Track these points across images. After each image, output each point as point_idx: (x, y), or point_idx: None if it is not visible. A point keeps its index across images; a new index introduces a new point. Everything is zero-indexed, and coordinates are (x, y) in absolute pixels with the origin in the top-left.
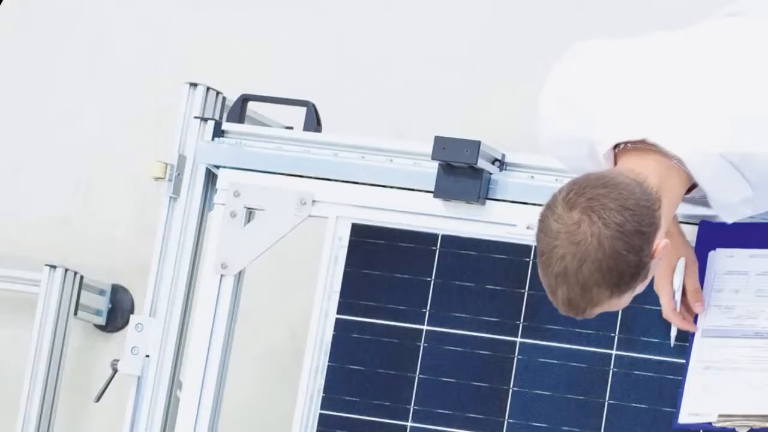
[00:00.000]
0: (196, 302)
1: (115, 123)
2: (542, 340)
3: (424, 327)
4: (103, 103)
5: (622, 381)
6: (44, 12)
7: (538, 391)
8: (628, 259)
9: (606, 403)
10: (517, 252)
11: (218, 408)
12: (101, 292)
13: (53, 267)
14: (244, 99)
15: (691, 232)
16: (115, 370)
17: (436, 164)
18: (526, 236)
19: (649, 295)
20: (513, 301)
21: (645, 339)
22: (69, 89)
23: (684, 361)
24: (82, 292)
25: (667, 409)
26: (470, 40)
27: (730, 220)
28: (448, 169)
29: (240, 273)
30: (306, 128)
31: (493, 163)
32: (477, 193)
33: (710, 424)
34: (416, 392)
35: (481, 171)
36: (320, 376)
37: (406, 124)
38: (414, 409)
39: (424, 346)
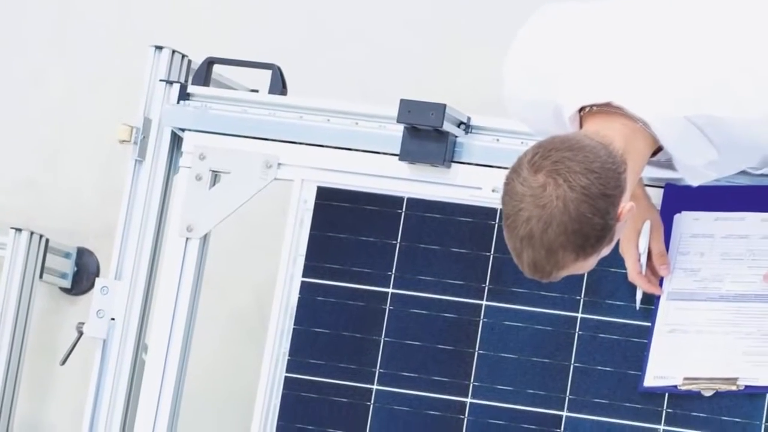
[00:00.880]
0: (162, 265)
1: (80, 86)
2: (507, 303)
3: (390, 290)
4: (69, 66)
5: (587, 344)
6: None
7: (504, 354)
8: (593, 222)
9: (571, 366)
10: (482, 215)
11: (183, 371)
12: (67, 255)
13: (18, 230)
14: (210, 62)
15: (656, 195)
16: (81, 333)
17: (401, 127)
18: (492, 199)
19: (615, 258)
20: (478, 264)
21: (610, 302)
22: (35, 52)
23: (649, 324)
24: (48, 255)
25: (633, 372)
26: (436, 3)
27: (695, 183)
28: (413, 132)
29: (205, 236)
30: (271, 91)
31: (458, 126)
32: (442, 156)
33: (675, 386)
34: (381, 355)
35: (446, 134)
36: (286, 339)
37: (372, 87)
38: (379, 371)
39: (389, 308)
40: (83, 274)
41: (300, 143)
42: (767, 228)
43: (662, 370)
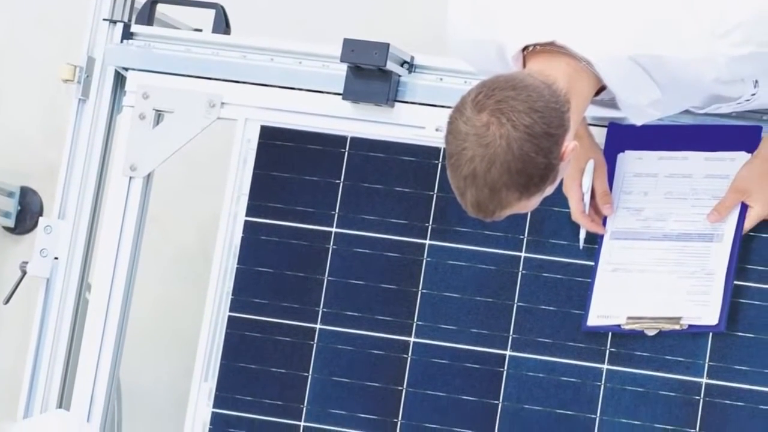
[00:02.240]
0: (105, 204)
1: (23, 25)
2: (451, 242)
3: (333, 229)
4: (12, 5)
5: (530, 283)
6: None
7: (447, 294)
8: (536, 161)
9: (515, 306)
10: (425, 154)
11: (127, 310)
12: (10, 194)
13: None
14: (153, 1)
15: (599, 135)
16: (24, 272)
17: (344, 66)
18: (435, 138)
19: (558, 198)
20: (421, 203)
21: (554, 241)
22: None
23: (593, 263)
24: None
25: (576, 311)
26: None
27: (639, 123)
28: (356, 71)
29: (149, 175)
30: (215, 31)
31: (402, 66)
32: (386, 96)
33: (619, 326)
34: (325, 294)
35: (389, 73)
36: (229, 278)
37: (315, 27)
38: (323, 311)
39: (332, 248)
40: (27, 214)
41: (243, 82)
42: (710, 167)
43: (605, 309)
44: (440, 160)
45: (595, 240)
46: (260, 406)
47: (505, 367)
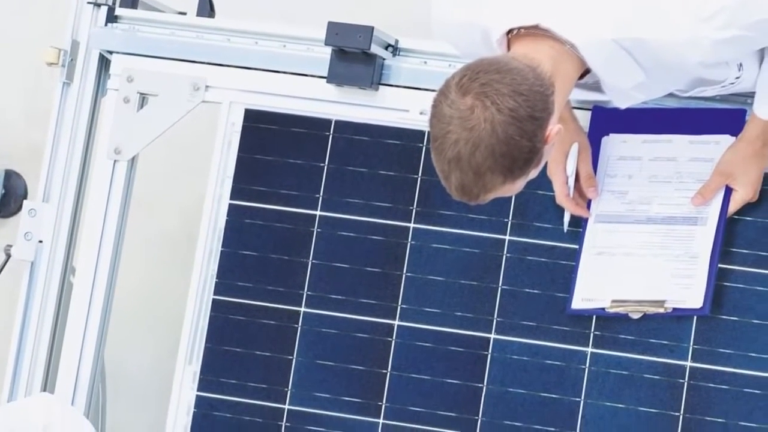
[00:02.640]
0: (90, 188)
1: (8, 9)
2: (435, 225)
3: (317, 212)
4: None
5: (515, 266)
6: None
7: (431, 277)
8: (521, 145)
9: (499, 289)
10: (410, 137)
11: (111, 293)
12: None
13: None
14: None
15: (584, 118)
16: (9, 256)
17: (329, 50)
18: (420, 122)
19: (543, 181)
20: (406, 186)
21: (538, 224)
22: None
23: (577, 246)
24: None
25: (560, 295)
26: None
27: (623, 106)
28: (341, 54)
29: (133, 158)
30: (199, 14)
31: (386, 49)
32: (370, 79)
33: (603, 309)
34: (309, 277)
35: (374, 56)
36: (213, 261)
37: (300, 10)
38: (307, 294)
39: (317, 231)
40: (11, 197)
41: (228, 66)
42: (695, 150)
43: (590, 292)
44: (425, 143)
45: (579, 223)
46: (244, 389)
47: (490, 351)
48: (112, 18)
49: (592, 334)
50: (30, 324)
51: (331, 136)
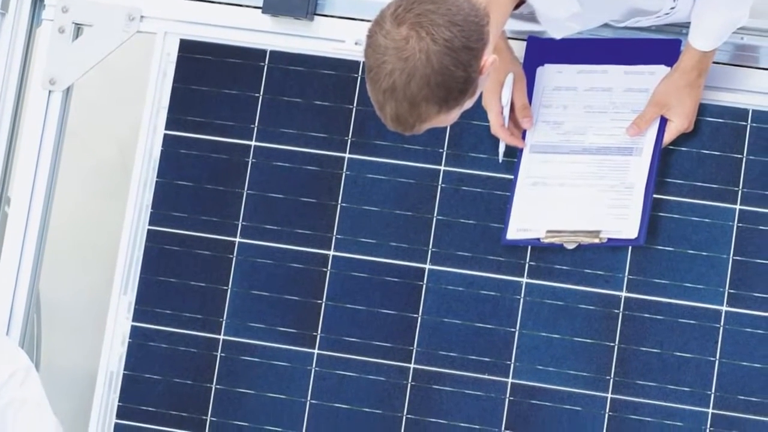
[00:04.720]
0: (24, 118)
1: None
2: (370, 155)
3: (252, 143)
4: None
5: (450, 197)
6: None
7: (366, 207)
8: (456, 75)
9: (434, 219)
10: (345, 68)
11: (46, 224)
12: None
13: None
14: None
15: (519, 48)
16: None
17: None
18: (355, 52)
19: (477, 111)
20: (341, 116)
21: (473, 155)
22: None
23: (512, 177)
24: None
25: (495, 225)
26: None
27: (558, 36)
28: None
29: (68, 89)
30: None
31: None
32: (305, 9)
33: (538, 239)
34: (244, 208)
35: None
36: (148, 191)
37: None
38: (242, 224)
39: (252, 161)
40: None
41: None
42: (630, 80)
43: (525, 222)
44: (360, 73)
45: (514, 153)
46: (179, 320)
47: (425, 281)
48: None
49: (527, 265)
50: None
51: (266, 67)
